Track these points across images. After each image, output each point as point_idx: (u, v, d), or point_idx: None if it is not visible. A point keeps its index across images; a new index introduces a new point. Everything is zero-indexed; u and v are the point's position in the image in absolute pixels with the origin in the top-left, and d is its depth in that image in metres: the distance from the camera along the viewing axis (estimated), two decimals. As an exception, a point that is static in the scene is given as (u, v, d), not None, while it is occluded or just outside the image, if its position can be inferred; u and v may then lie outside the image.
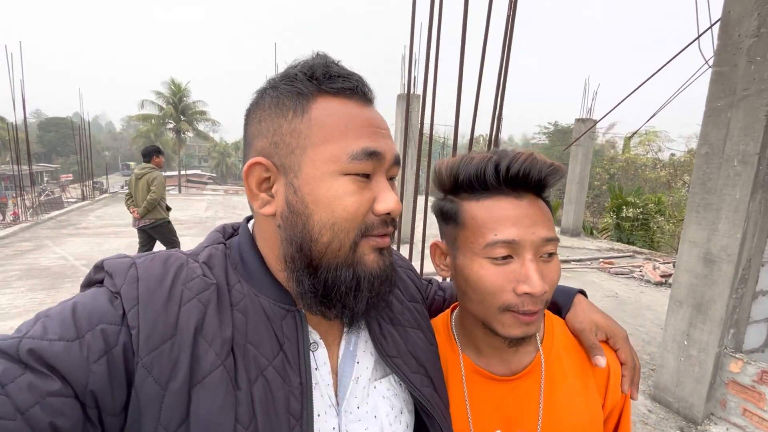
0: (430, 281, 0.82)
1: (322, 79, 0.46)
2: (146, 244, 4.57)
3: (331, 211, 0.44)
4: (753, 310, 2.65)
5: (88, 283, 0.45)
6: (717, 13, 2.51)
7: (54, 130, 47.10)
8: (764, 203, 2.40)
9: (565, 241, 8.53)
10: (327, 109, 0.46)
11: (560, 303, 0.71)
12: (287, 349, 0.46)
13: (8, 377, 0.35)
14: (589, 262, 6.83)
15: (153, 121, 29.30)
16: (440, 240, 0.63)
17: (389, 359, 0.53)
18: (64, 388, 0.36)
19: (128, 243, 6.83)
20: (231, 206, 12.31)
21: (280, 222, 0.47)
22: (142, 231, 4.47)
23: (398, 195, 0.53)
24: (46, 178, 35.26)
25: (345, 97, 0.47)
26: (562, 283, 0.67)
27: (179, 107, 28.85)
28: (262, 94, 0.49)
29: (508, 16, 2.23)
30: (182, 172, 29.63)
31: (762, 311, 2.78)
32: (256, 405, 0.41)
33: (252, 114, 0.49)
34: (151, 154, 4.47)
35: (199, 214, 10.33)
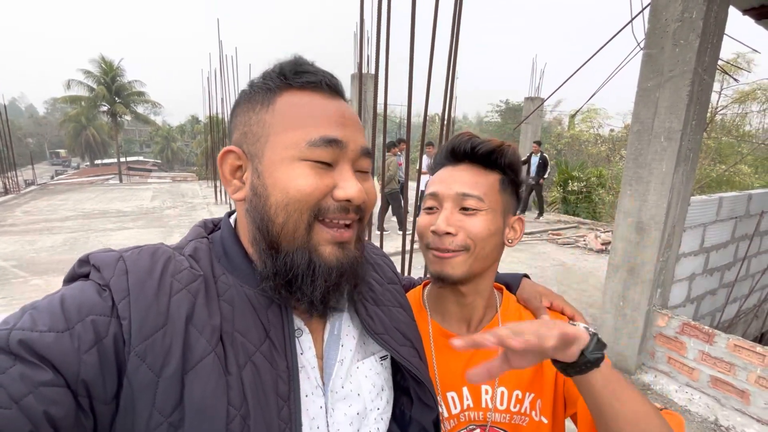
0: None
1: (289, 75, 0.50)
2: (386, 208, 6.22)
3: (286, 193, 0.47)
4: (676, 270, 2.98)
5: (72, 278, 0.46)
6: (648, -3, 2.68)
7: (-38, 116, 41.31)
8: (685, 175, 2.67)
9: (517, 215, 8.97)
10: (291, 101, 0.49)
11: (510, 283, 0.83)
12: (273, 336, 0.48)
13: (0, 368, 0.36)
14: (539, 235, 7.27)
15: (83, 103, 26.57)
16: None
17: (377, 336, 0.57)
18: (55, 377, 0.37)
19: (64, 239, 6.28)
20: (179, 194, 11.59)
21: (248, 206, 0.50)
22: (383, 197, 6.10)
23: (373, 189, 0.55)
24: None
25: (311, 90, 0.50)
26: (516, 254, 0.76)
27: (113, 88, 26.30)
28: (241, 92, 0.53)
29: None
30: (122, 160, 27.35)
31: (684, 271, 3.14)
32: (246, 388, 0.44)
33: (233, 111, 0.53)
34: (389, 146, 5.96)
35: (144, 204, 9.65)
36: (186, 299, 0.44)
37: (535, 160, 8.30)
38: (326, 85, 0.50)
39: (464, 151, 0.69)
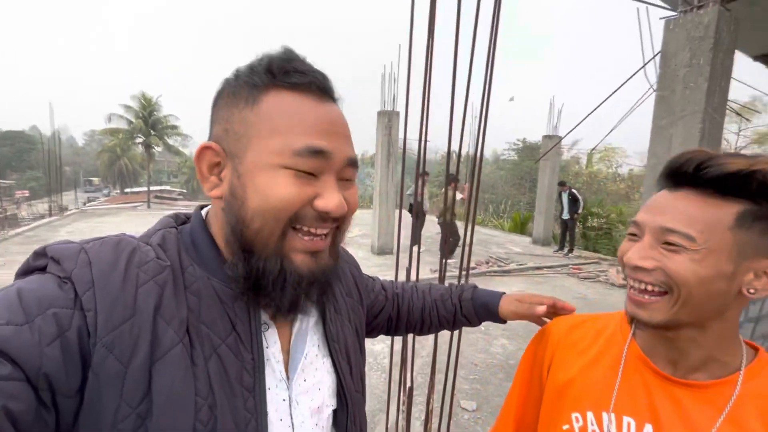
0: (373, 278, 0.86)
1: (277, 73, 0.47)
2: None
3: (266, 200, 0.45)
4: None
5: (26, 271, 0.45)
6: (659, 44, 2.98)
7: (9, 144, 44.56)
8: (702, 206, 2.82)
9: (536, 250, 9.05)
10: (278, 102, 0.46)
11: (489, 302, 0.81)
12: (240, 329, 0.48)
13: None
14: (560, 269, 7.29)
15: (121, 135, 28.44)
16: None
17: (331, 343, 0.58)
18: (14, 371, 0.36)
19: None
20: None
21: (224, 205, 0.48)
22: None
23: (355, 197, 0.53)
24: (-1, 195, 32.84)
25: (300, 92, 0.47)
26: (533, 289, 0.75)
27: (149, 121, 28.16)
28: (225, 82, 0.50)
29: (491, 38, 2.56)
30: (150, 188, 28.71)
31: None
32: (212, 379, 0.44)
33: (215, 101, 0.50)
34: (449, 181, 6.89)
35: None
36: (153, 290, 0.43)
37: (565, 198, 8.56)
38: (317, 87, 0.48)
39: (685, 174, 0.53)
